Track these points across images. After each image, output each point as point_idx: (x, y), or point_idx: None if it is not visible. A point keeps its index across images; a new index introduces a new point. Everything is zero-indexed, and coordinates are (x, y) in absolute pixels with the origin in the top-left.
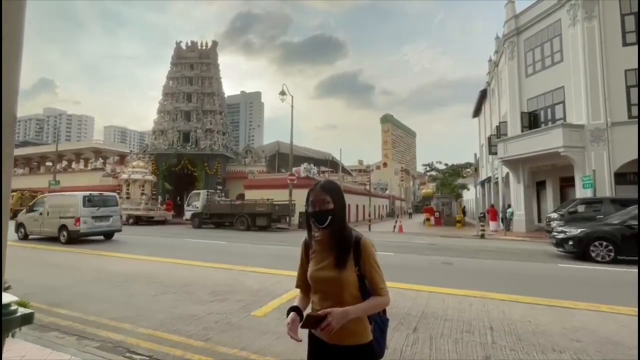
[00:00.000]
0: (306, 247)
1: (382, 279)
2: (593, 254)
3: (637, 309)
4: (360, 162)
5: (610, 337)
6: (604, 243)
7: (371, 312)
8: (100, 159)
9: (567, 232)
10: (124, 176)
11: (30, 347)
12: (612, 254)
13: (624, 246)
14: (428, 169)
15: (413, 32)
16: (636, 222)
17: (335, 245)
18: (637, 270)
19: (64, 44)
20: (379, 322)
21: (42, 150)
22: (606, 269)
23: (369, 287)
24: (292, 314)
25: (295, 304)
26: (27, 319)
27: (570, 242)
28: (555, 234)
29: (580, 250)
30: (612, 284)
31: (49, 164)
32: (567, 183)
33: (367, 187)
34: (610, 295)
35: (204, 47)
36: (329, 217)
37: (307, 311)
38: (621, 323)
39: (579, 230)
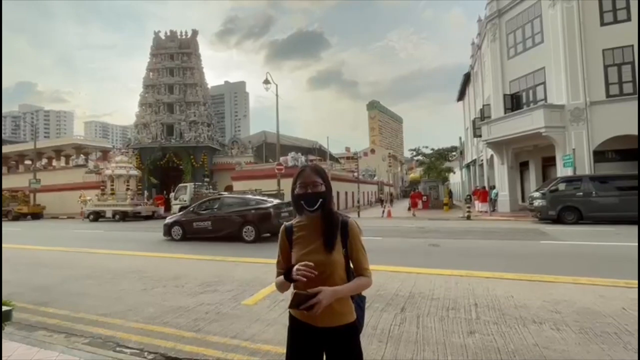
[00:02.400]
0: (287, 233)
1: (366, 260)
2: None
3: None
4: (348, 150)
5: (588, 308)
6: None
7: (357, 292)
8: (81, 155)
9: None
10: (108, 172)
11: (16, 346)
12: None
13: None
14: (415, 153)
15: (398, 18)
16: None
17: (325, 228)
18: (614, 243)
19: (34, 34)
20: (358, 300)
21: (20, 148)
22: (586, 244)
23: (353, 268)
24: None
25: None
26: (6, 316)
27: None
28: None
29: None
30: (591, 257)
31: (28, 162)
32: (549, 163)
33: (356, 174)
34: (589, 268)
35: (183, 37)
36: (320, 200)
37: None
38: (599, 294)
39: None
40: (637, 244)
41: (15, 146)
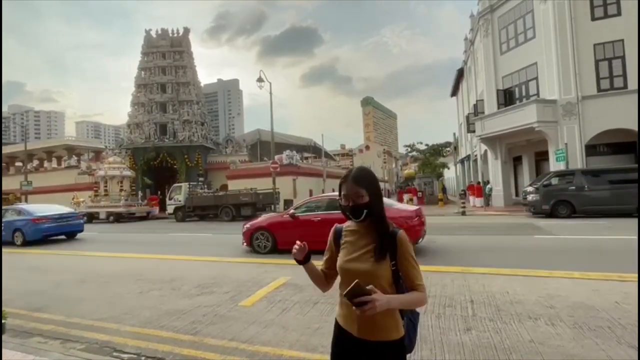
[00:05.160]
0: (336, 235)
1: (419, 275)
2: None
3: (604, 275)
4: (343, 147)
5: (582, 302)
6: None
7: (409, 307)
8: (74, 156)
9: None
10: (101, 173)
11: (11, 354)
12: None
13: None
14: (410, 149)
15: (391, 14)
16: None
17: (376, 239)
18: (607, 237)
19: (22, 33)
20: (411, 316)
21: (10, 149)
22: (579, 237)
23: (405, 282)
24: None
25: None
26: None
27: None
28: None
29: None
30: (584, 251)
31: (18, 164)
32: (541, 157)
33: None
34: (583, 262)
35: (175, 35)
36: (365, 212)
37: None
38: (592, 288)
39: None
40: (630, 237)
41: (6, 147)
